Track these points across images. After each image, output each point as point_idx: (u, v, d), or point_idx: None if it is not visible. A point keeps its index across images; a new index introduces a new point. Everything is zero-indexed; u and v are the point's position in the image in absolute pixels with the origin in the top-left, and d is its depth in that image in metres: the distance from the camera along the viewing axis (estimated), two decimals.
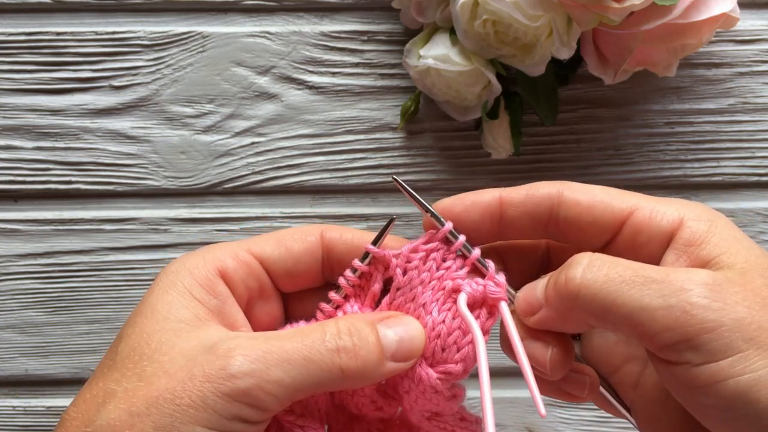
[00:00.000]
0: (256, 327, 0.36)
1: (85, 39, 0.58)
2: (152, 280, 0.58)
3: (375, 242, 0.36)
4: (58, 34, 0.57)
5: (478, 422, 0.39)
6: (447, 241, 0.36)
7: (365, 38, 0.58)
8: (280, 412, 0.33)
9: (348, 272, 0.36)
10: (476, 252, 0.35)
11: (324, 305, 0.37)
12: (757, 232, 0.58)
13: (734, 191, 0.58)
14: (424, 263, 0.36)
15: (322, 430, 0.36)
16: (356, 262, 0.36)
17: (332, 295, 0.36)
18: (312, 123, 0.58)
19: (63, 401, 0.59)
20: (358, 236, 0.37)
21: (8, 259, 0.58)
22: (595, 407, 0.58)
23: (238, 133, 0.58)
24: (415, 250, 0.36)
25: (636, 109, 0.58)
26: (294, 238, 0.36)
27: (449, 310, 0.35)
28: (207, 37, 0.58)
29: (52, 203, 0.58)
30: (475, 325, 0.33)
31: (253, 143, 0.58)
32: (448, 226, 0.35)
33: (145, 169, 0.58)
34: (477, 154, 0.58)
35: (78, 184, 0.58)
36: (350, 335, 0.32)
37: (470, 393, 0.37)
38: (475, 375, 0.33)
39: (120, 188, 0.58)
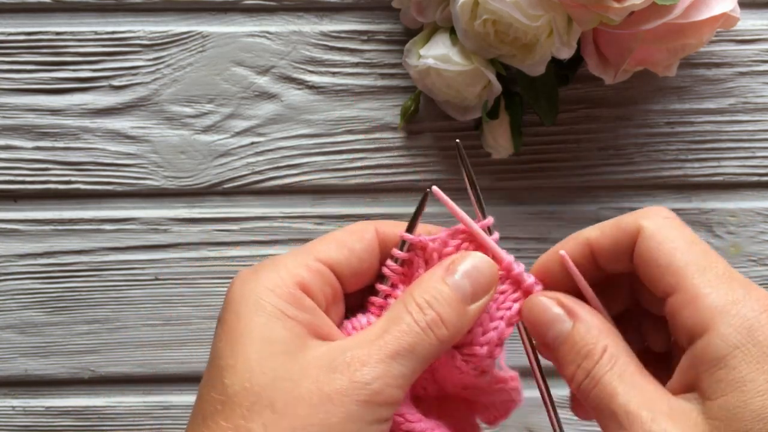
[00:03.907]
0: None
1: (85, 39, 0.57)
2: (152, 280, 0.59)
3: (409, 229, 0.36)
4: (58, 33, 0.57)
5: (513, 380, 0.40)
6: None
7: (365, 38, 0.58)
8: None
9: (390, 261, 0.36)
10: (519, 268, 0.37)
11: (374, 298, 0.37)
12: (757, 232, 0.58)
13: (735, 191, 0.58)
14: (457, 250, 0.36)
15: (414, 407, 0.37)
16: (395, 251, 0.36)
17: (380, 286, 0.37)
18: (312, 123, 0.58)
19: (62, 401, 0.59)
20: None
21: (8, 259, 0.58)
22: None
23: (238, 133, 0.58)
24: (453, 235, 0.36)
25: (636, 109, 0.58)
26: (353, 238, 0.36)
27: None
28: (207, 36, 0.58)
29: (51, 203, 0.58)
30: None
31: (253, 143, 0.58)
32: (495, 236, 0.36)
33: (144, 169, 0.58)
34: (477, 154, 0.58)
35: (78, 184, 0.58)
36: (430, 306, 0.33)
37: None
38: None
39: (120, 188, 0.58)
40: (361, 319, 0.36)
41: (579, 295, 0.37)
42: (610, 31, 0.49)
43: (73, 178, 0.58)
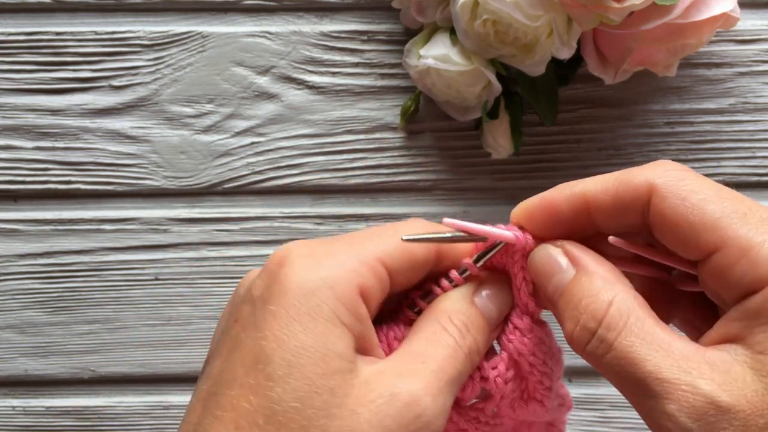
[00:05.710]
0: None
1: (85, 39, 0.57)
2: (152, 280, 0.59)
3: (477, 260, 0.35)
4: (58, 34, 0.57)
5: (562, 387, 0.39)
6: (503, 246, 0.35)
7: (365, 38, 0.58)
8: None
9: (444, 280, 0.35)
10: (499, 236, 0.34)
11: (409, 312, 0.35)
12: None
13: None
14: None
15: None
16: (455, 274, 0.35)
17: (419, 301, 0.35)
18: (312, 123, 0.58)
19: (62, 401, 0.59)
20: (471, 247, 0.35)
21: (8, 259, 0.58)
22: (595, 407, 0.58)
23: (238, 133, 0.58)
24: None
25: (636, 109, 0.58)
26: (419, 244, 0.33)
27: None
28: (207, 37, 0.58)
29: (51, 203, 0.58)
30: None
31: (253, 143, 0.58)
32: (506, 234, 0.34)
33: (144, 169, 0.58)
34: (477, 154, 0.58)
35: (78, 184, 0.58)
36: (468, 330, 0.33)
37: None
38: None
39: (120, 188, 0.58)
40: (396, 330, 0.34)
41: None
42: (610, 31, 0.49)
43: (73, 178, 0.58)
